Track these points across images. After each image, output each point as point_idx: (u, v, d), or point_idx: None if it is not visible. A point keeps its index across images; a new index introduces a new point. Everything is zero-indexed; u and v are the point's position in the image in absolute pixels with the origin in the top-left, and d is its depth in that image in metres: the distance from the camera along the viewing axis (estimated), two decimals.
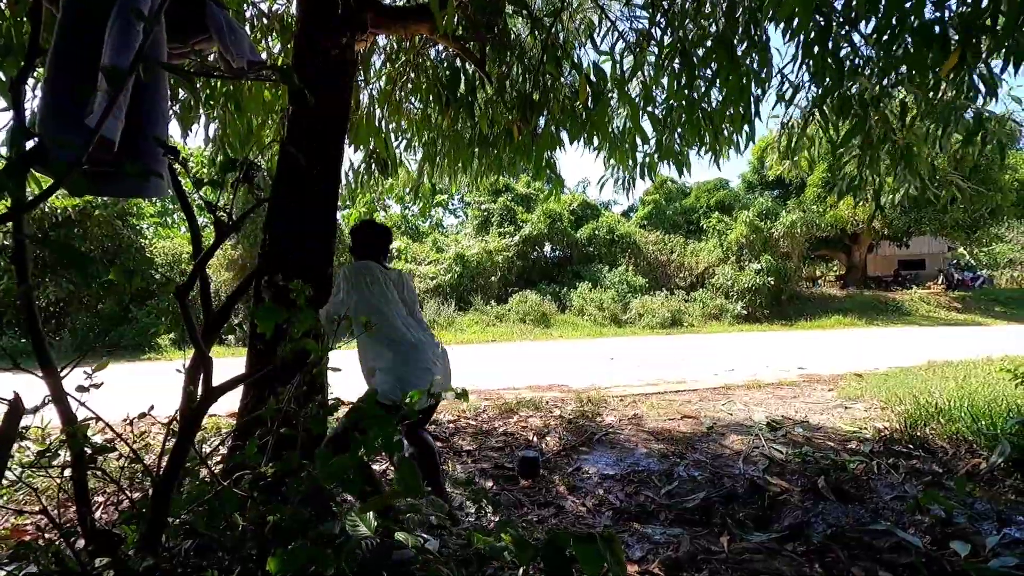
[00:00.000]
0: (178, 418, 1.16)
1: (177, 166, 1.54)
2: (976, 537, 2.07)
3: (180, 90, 3.34)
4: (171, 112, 3.45)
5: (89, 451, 1.00)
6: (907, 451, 3.11)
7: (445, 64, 4.02)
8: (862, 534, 2.14)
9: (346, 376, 1.80)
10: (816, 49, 2.42)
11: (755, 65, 2.82)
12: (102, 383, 1.14)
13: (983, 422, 3.18)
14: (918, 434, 3.32)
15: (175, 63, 1.79)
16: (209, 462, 1.20)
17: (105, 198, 9.50)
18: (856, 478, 2.73)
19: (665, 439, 3.48)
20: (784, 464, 2.97)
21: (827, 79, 2.54)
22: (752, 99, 2.87)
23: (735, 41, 2.65)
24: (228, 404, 3.19)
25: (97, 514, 2.14)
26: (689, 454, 3.18)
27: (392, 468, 2.80)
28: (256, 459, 1.18)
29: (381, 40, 4.17)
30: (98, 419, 1.06)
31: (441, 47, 3.92)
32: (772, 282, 14.68)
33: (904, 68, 2.45)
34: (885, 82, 2.71)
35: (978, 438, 3.07)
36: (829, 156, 3.35)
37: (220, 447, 2.65)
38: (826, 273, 23.55)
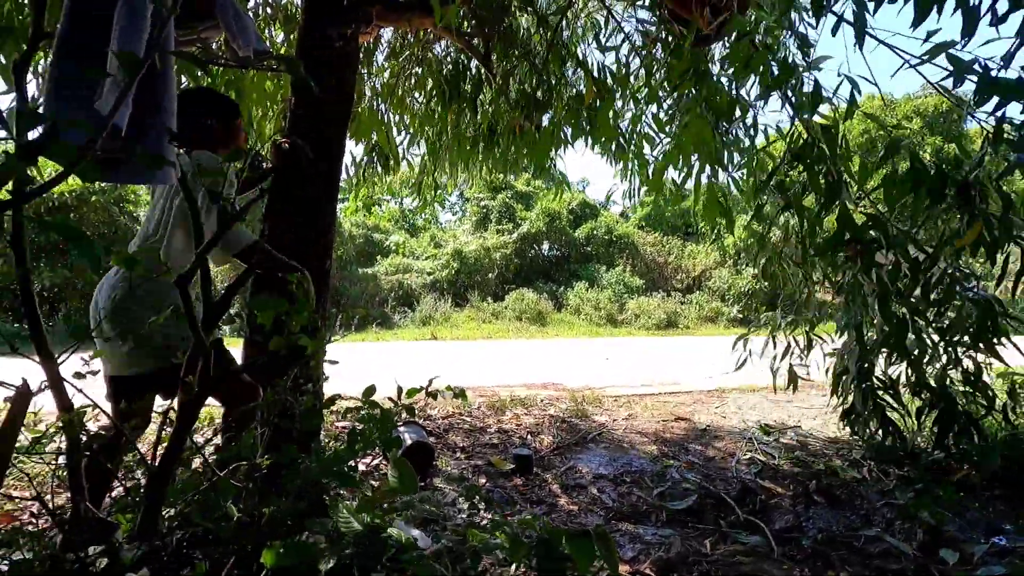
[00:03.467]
0: (175, 407, 1.16)
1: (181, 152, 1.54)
2: (965, 546, 2.09)
3: (182, 77, 3.32)
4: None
5: (85, 438, 1.00)
6: (898, 458, 3.12)
7: (449, 60, 4.01)
8: (852, 539, 2.16)
9: (343, 369, 1.79)
10: None
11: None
12: (99, 370, 1.14)
13: (975, 432, 3.19)
14: (909, 442, 3.33)
15: (183, 50, 1.78)
16: (203, 452, 1.19)
17: (102, 184, 9.46)
18: (847, 484, 2.75)
19: (658, 440, 3.49)
20: (776, 468, 2.98)
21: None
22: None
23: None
24: None
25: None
26: (682, 456, 3.19)
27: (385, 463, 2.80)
28: (251, 451, 1.18)
29: (385, 34, 4.15)
30: (95, 406, 1.05)
31: (446, 42, 3.91)
32: (768, 286, 14.73)
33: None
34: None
35: (970, 447, 3.08)
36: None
37: (214, 438, 2.65)
38: (821, 280, 23.56)
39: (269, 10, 3.73)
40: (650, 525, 2.32)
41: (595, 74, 3.30)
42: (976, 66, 1.85)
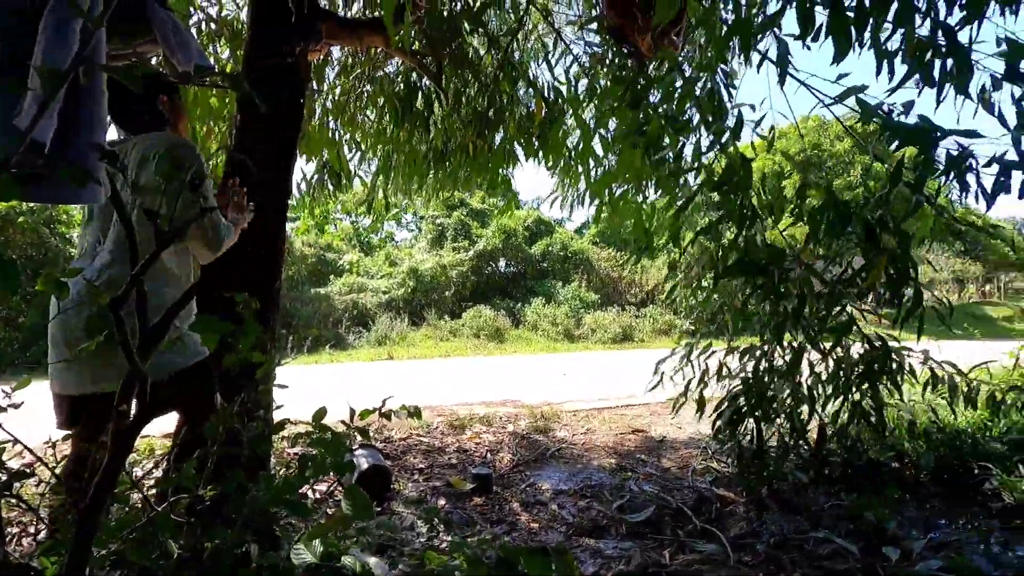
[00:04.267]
0: (108, 439, 1.09)
1: (113, 171, 1.46)
2: (905, 542, 2.19)
3: None
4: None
5: (4, 476, 0.92)
6: (843, 461, 3.25)
7: (401, 78, 4.02)
8: (803, 542, 2.23)
9: (295, 393, 1.74)
10: None
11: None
12: (22, 403, 1.06)
13: (915, 433, 3.36)
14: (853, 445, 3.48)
15: (116, 64, 1.70)
16: (142, 486, 1.12)
17: (31, 204, 8.90)
18: (796, 487, 2.84)
19: (616, 453, 3.52)
20: (730, 476, 3.06)
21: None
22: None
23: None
24: (163, 425, 3.01)
25: (11, 546, 1.96)
26: (639, 468, 3.23)
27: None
28: (192, 481, 1.12)
29: (336, 52, 4.12)
30: (16, 441, 0.98)
31: (398, 61, 3.91)
32: (716, 299, 15.25)
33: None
34: None
35: (910, 448, 3.25)
36: None
37: (154, 470, 2.50)
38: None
39: (214, 26, 3.64)
40: (610, 539, 2.32)
41: (545, 94, 3.37)
42: (882, 108, 2.00)
